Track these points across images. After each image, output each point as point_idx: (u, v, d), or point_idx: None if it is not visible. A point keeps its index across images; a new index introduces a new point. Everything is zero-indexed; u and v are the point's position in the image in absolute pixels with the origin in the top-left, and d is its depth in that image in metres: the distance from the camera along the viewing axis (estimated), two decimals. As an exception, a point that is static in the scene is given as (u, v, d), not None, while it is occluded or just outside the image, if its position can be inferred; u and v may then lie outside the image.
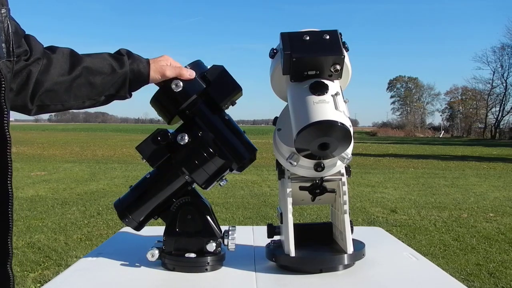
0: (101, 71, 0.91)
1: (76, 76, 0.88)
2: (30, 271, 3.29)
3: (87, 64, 0.89)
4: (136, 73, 0.94)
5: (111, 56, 0.94)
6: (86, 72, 0.89)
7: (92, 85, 0.90)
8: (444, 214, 5.41)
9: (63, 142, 20.88)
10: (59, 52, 0.88)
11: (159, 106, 1.01)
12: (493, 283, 3.13)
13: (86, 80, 0.89)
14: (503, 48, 42.10)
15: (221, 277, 0.99)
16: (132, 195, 1.06)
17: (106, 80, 0.91)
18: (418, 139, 38.61)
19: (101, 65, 0.91)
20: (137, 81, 0.96)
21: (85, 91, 0.90)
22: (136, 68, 0.94)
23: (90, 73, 0.89)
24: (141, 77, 0.95)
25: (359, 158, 13.21)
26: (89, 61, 0.90)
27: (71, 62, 0.88)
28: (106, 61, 0.92)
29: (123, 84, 0.94)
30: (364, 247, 1.04)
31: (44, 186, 7.31)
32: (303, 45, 0.90)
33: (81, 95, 0.90)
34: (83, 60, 0.90)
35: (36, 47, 0.84)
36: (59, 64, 0.86)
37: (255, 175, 8.74)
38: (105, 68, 0.91)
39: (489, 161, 13.12)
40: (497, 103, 44.21)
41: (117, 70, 0.92)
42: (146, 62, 0.96)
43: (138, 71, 0.94)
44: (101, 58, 0.92)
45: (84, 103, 0.92)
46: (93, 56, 0.92)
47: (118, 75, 0.92)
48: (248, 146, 1.02)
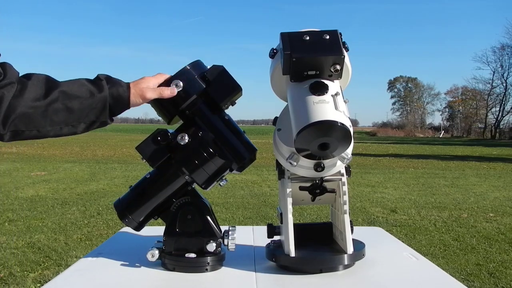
0: (78, 95, 0.88)
1: (52, 100, 0.85)
2: (30, 271, 3.29)
3: (64, 89, 0.87)
4: (115, 97, 0.92)
5: (89, 81, 0.91)
6: (62, 96, 0.86)
7: (69, 110, 0.87)
8: (444, 214, 5.41)
9: (63, 142, 20.88)
10: (34, 78, 0.86)
11: (159, 106, 1.01)
12: (493, 283, 3.13)
13: (63, 104, 0.86)
14: (503, 48, 42.13)
15: (221, 277, 0.99)
16: (132, 195, 1.06)
17: (85, 105, 0.89)
18: (418, 139, 38.62)
19: (78, 89, 0.88)
20: (117, 106, 0.93)
21: (62, 116, 0.87)
22: (115, 92, 0.92)
23: (67, 98, 0.87)
24: (121, 101, 0.93)
25: (359, 158, 13.20)
26: (66, 85, 0.88)
27: (47, 87, 0.86)
28: (84, 86, 0.90)
29: (103, 109, 0.91)
30: (364, 247, 1.04)
31: (44, 186, 7.31)
32: (303, 45, 0.90)
33: (58, 120, 0.87)
34: (60, 85, 0.87)
35: (11, 72, 0.83)
36: (34, 89, 0.84)
37: (255, 175, 8.74)
38: (83, 92, 0.89)
39: (489, 161, 13.12)
40: (497, 103, 44.25)
41: (96, 95, 0.90)
42: (126, 86, 0.94)
43: (118, 95, 0.92)
44: (79, 83, 0.90)
45: (62, 130, 0.89)
46: (70, 82, 0.90)
47: (97, 100, 0.90)
48: (248, 146, 1.02)
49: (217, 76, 1.00)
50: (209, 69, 1.01)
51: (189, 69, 0.99)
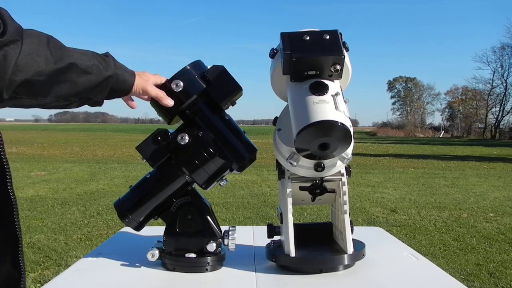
0: (87, 71, 0.81)
1: (61, 70, 0.76)
2: (30, 271, 3.29)
3: (75, 60, 0.78)
4: (120, 80, 0.87)
5: (98, 56, 0.84)
6: (72, 69, 0.78)
7: (75, 85, 0.80)
8: (444, 214, 5.41)
9: (63, 142, 20.88)
10: (43, 38, 0.74)
11: (159, 106, 1.01)
12: (493, 283, 3.13)
13: (70, 77, 0.78)
14: (503, 48, 42.15)
15: (221, 277, 0.99)
16: (132, 195, 1.06)
17: (91, 83, 0.82)
18: (418, 139, 38.61)
19: (88, 63, 0.81)
20: (118, 90, 0.89)
21: (66, 90, 0.79)
22: (121, 75, 0.87)
23: (76, 72, 0.79)
24: (124, 86, 0.89)
25: (359, 158, 13.20)
26: (77, 57, 0.79)
27: (58, 53, 0.76)
28: (93, 60, 0.82)
29: (104, 88, 0.85)
30: (364, 247, 1.04)
31: (44, 186, 7.31)
32: (303, 45, 0.90)
33: (60, 93, 0.79)
34: (70, 54, 0.78)
35: (14, 26, 0.69)
36: (44, 53, 0.73)
37: (255, 175, 8.74)
38: (92, 68, 0.82)
39: (489, 161, 13.12)
40: (497, 103, 44.25)
41: (103, 73, 0.83)
42: (131, 73, 0.91)
43: (123, 80, 0.88)
44: (89, 56, 0.82)
45: (59, 102, 0.81)
46: (80, 53, 0.81)
47: (102, 78, 0.83)
48: (248, 146, 1.02)
49: (217, 76, 1.00)
50: (210, 69, 1.01)
51: (189, 69, 0.99)
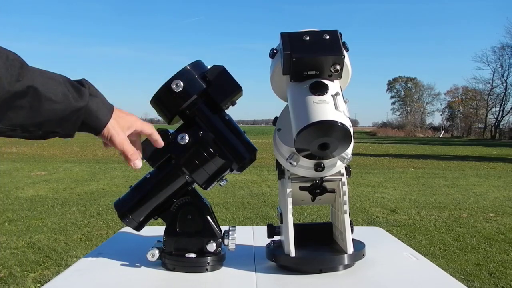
0: (51, 98, 0.68)
1: (17, 94, 0.65)
2: (30, 271, 3.29)
3: (36, 85, 0.66)
4: (92, 116, 0.74)
5: (69, 83, 0.72)
6: (31, 94, 0.66)
7: (33, 112, 0.67)
8: (444, 214, 5.41)
9: (63, 142, 20.87)
10: (3, 52, 0.64)
11: (159, 106, 1.01)
12: (493, 283, 3.13)
13: (29, 104, 0.66)
14: (503, 48, 42.18)
15: (221, 277, 0.99)
16: (132, 195, 1.06)
17: (54, 113, 0.69)
18: (418, 139, 38.62)
19: (54, 89, 0.69)
20: (88, 126, 0.75)
21: (22, 117, 0.67)
22: (94, 110, 0.74)
23: (36, 97, 0.67)
24: (95, 123, 0.75)
25: (359, 158, 13.20)
26: (41, 80, 0.68)
27: (16, 73, 0.64)
28: (61, 86, 0.70)
29: (73, 122, 0.72)
30: (364, 247, 1.04)
31: (44, 186, 7.31)
32: (303, 45, 0.90)
33: (14, 120, 0.67)
34: (34, 77, 0.67)
35: None
36: (3, 70, 0.63)
37: (255, 175, 8.74)
38: (58, 95, 0.69)
39: (489, 161, 13.12)
40: (497, 103, 44.26)
41: (72, 103, 0.70)
42: (109, 109, 0.76)
43: (96, 116, 0.74)
44: (56, 81, 0.70)
45: (14, 132, 0.69)
46: (47, 76, 0.69)
47: (70, 110, 0.70)
48: (248, 146, 1.02)
49: (217, 76, 1.00)
50: (210, 69, 1.01)
51: (189, 69, 0.99)
